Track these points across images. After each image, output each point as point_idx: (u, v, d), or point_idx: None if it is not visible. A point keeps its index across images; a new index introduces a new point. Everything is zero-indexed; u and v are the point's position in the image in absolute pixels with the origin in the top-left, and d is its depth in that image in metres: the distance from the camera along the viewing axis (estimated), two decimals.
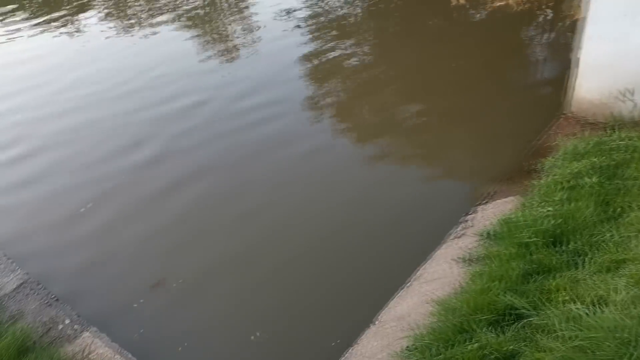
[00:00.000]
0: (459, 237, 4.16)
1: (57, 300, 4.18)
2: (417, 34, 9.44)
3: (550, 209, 3.79)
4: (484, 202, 4.56)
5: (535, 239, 3.55)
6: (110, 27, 11.26)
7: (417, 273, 3.91)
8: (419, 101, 7.26)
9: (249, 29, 10.54)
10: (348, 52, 8.92)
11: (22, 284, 4.35)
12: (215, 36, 10.48)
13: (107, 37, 10.68)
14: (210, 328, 4.12)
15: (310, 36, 9.72)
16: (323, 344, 3.80)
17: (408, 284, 3.83)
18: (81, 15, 12.16)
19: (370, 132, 6.67)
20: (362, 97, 7.60)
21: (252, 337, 3.94)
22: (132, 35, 10.65)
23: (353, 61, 8.64)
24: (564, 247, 3.47)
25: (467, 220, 4.37)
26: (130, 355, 3.74)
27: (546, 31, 8.61)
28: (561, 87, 5.73)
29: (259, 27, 10.46)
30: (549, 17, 8.89)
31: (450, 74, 7.60)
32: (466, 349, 2.93)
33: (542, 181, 4.35)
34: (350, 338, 3.71)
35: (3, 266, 4.56)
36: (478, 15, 9.39)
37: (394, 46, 9.26)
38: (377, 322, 3.60)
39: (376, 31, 10.16)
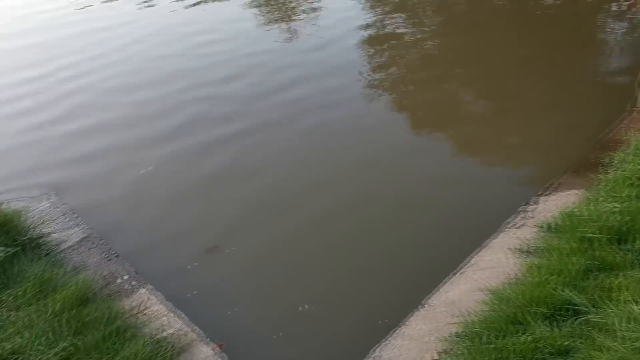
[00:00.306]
0: (518, 227, 4.06)
1: (117, 256, 4.35)
2: (483, 16, 9.17)
3: (617, 205, 3.64)
4: (546, 193, 4.42)
5: (599, 235, 3.43)
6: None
7: (472, 260, 3.85)
8: (481, 86, 7.09)
9: (311, 7, 10.53)
10: (410, 33, 8.78)
11: (85, 237, 4.54)
12: (277, 14, 10.50)
13: (171, 10, 10.87)
14: (260, 296, 4.19)
15: (372, 16, 9.61)
16: (370, 321, 3.82)
17: (461, 271, 3.78)
18: None
19: (429, 116, 6.58)
20: (422, 80, 7.48)
21: (300, 309, 4.01)
22: (196, 10, 10.80)
23: (414, 43, 8.49)
24: (629, 246, 3.33)
25: (527, 211, 4.26)
26: (183, 315, 3.86)
27: (622, 21, 8.19)
28: (635, 80, 5.46)
29: (321, 6, 10.45)
30: (625, 7, 8.44)
31: (516, 60, 7.37)
32: (519, 340, 2.89)
33: (609, 176, 4.18)
34: (398, 318, 3.71)
35: (68, 219, 4.78)
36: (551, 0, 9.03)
37: (458, 28, 9.03)
38: (426, 306, 3.58)
39: (440, 13, 9.92)
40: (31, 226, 4.40)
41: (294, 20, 10.02)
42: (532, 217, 4.15)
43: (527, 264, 3.57)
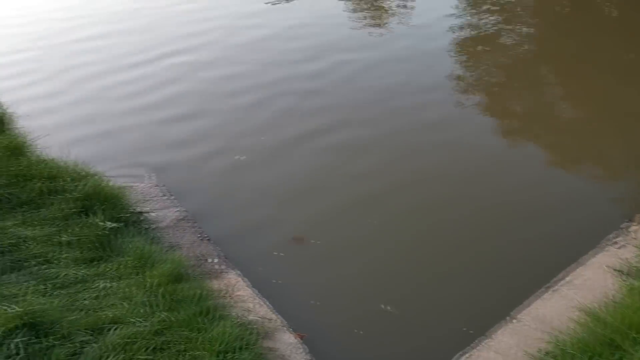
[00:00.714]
0: (619, 247, 3.85)
1: (208, 240, 4.54)
2: (588, 22, 8.70)
3: None
4: None
5: None
6: None
7: (567, 277, 3.69)
8: (580, 93, 6.78)
9: (403, 4, 10.48)
10: (506, 33, 8.51)
11: (180, 219, 4.77)
12: (370, 7, 10.51)
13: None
14: (342, 290, 4.23)
15: (467, 13, 9.39)
16: (453, 328, 3.77)
17: (555, 287, 3.63)
18: None
19: (523, 123, 6.39)
20: (516, 85, 7.24)
21: (383, 307, 4.01)
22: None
23: (511, 44, 8.21)
24: None
25: (630, 230, 4.02)
26: (267, 302, 3.97)
27: None
28: None
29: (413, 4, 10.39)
30: None
31: (620, 67, 6.95)
32: None
33: None
34: (482, 328, 3.64)
35: (165, 199, 5.03)
36: None
37: (559, 32, 8.63)
38: (514, 321, 3.47)
39: (539, 14, 9.52)
40: (133, 203, 4.68)
41: (386, 16, 9.99)
42: (634, 238, 3.91)
43: (627, 287, 3.38)
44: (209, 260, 4.32)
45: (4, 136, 4.68)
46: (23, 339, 2.84)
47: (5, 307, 2.94)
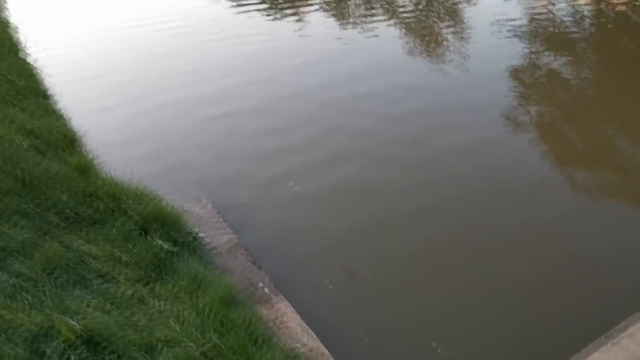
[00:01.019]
0: None
1: (259, 268, 4.59)
2: None
3: None
4: None
5: None
6: (329, 24, 11.87)
7: (629, 329, 3.54)
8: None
9: (460, 34, 10.50)
10: (563, 70, 8.41)
11: (232, 245, 4.84)
12: (425, 39, 10.58)
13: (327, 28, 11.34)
14: (391, 325, 4.19)
15: (525, 48, 9.33)
16: None
17: (615, 339, 3.48)
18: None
19: (576, 160, 6.26)
20: (570, 122, 7.12)
21: (434, 344, 3.94)
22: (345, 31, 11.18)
23: (567, 81, 8.10)
24: None
25: None
26: (315, 334, 3.95)
27: None
28: None
29: (470, 33, 10.40)
30: None
31: None
32: None
33: None
34: None
35: (219, 223, 5.13)
36: None
37: (619, 73, 8.43)
38: None
39: (602, 53, 9.34)
40: (189, 227, 4.80)
41: (442, 47, 10.04)
42: None
43: None
44: (259, 288, 4.37)
45: (75, 156, 4.93)
46: (81, 354, 2.94)
47: (67, 321, 3.05)
